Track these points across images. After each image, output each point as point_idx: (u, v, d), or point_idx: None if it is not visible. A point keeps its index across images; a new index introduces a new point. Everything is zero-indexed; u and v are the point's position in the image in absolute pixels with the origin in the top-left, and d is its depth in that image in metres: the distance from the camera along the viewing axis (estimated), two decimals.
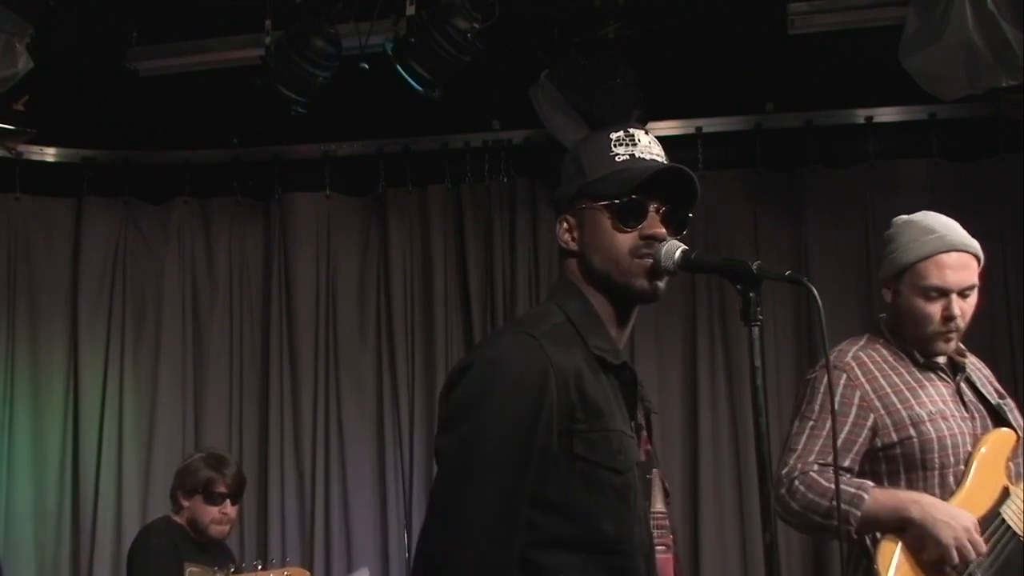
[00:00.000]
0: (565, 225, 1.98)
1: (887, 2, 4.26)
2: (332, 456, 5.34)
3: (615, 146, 1.95)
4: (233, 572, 3.18)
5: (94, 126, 5.35)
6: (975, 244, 2.81)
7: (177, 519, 3.92)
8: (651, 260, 1.88)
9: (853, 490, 2.67)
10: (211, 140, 5.51)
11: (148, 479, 5.26)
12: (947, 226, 2.81)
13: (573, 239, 1.96)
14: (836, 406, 2.76)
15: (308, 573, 3.20)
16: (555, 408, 1.79)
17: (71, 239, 5.49)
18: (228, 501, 3.93)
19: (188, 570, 3.58)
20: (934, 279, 2.76)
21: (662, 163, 1.93)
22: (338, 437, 5.37)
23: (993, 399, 2.86)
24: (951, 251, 2.77)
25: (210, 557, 3.85)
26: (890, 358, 2.84)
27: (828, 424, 2.74)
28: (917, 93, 4.25)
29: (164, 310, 5.48)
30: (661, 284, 1.92)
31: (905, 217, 2.90)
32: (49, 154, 5.47)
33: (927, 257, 2.77)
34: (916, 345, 2.83)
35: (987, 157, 5.04)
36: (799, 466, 2.73)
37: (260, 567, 3.13)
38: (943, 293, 2.76)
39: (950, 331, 2.78)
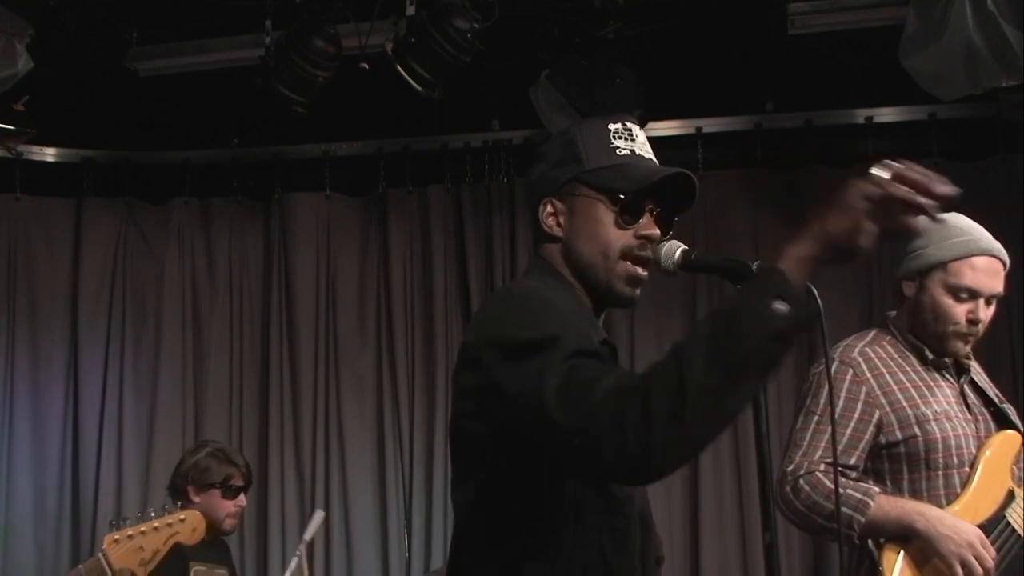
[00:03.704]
0: (550, 208, 1.93)
1: (887, 2, 4.25)
2: (332, 456, 5.34)
3: (614, 138, 1.92)
4: (129, 524, 3.08)
5: (94, 126, 5.35)
6: (1005, 253, 2.83)
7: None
8: (642, 266, 1.89)
9: (859, 496, 2.65)
10: (211, 140, 5.51)
11: (148, 479, 5.26)
12: (980, 230, 2.83)
13: (559, 224, 1.92)
14: (842, 401, 2.75)
15: (200, 515, 3.14)
16: None
17: (71, 239, 5.49)
18: (243, 494, 3.96)
19: (193, 569, 3.58)
20: (967, 280, 2.77)
21: (672, 168, 1.91)
22: (338, 437, 5.37)
23: (996, 401, 2.86)
24: (985, 255, 2.79)
25: (214, 555, 3.86)
26: (896, 355, 2.84)
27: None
28: (917, 93, 4.25)
29: (164, 310, 5.48)
30: (639, 292, 1.92)
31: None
32: (49, 154, 5.47)
33: (962, 257, 2.77)
34: (931, 342, 2.82)
35: (987, 157, 5.03)
36: (805, 464, 2.72)
37: (153, 514, 3.07)
38: (973, 296, 2.77)
39: (971, 334, 2.79)
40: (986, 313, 2.79)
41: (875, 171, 1.57)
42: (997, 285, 2.79)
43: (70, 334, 5.44)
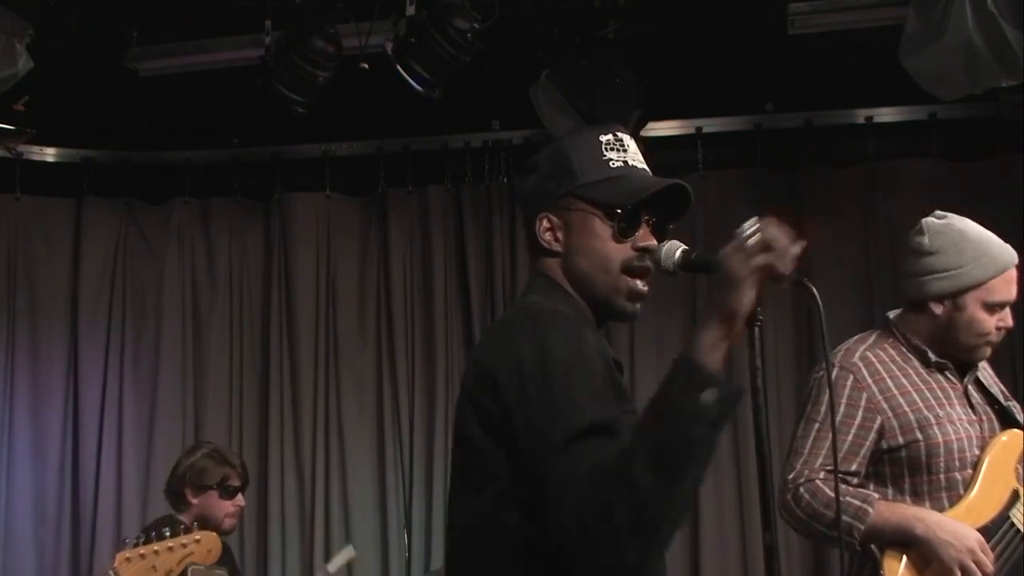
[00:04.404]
0: (546, 223, 1.92)
1: (887, 2, 4.25)
2: (332, 456, 5.34)
3: (607, 150, 1.92)
4: (143, 542, 3.04)
5: (94, 126, 5.35)
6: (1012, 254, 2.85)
7: (181, 517, 3.91)
8: (641, 281, 1.89)
9: (858, 503, 2.65)
10: (211, 140, 5.51)
11: (148, 479, 5.25)
12: (996, 238, 2.83)
13: (556, 239, 1.92)
14: (843, 408, 2.74)
15: (216, 536, 3.11)
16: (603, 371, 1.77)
17: (71, 239, 5.49)
18: (240, 494, 3.96)
19: (191, 569, 3.57)
20: (1002, 295, 2.78)
21: (666, 180, 1.91)
22: (338, 437, 5.37)
23: (1001, 400, 2.86)
24: (1012, 266, 2.81)
25: None
26: (898, 358, 2.82)
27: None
28: (917, 93, 4.24)
29: (164, 310, 5.48)
30: (639, 307, 1.92)
31: (942, 227, 2.83)
32: (49, 154, 5.47)
33: (999, 274, 2.78)
34: (957, 353, 2.82)
35: (987, 157, 5.03)
36: (805, 472, 2.71)
37: (168, 533, 3.03)
38: (1003, 306, 2.78)
39: (998, 340, 2.80)
40: (1008, 320, 2.82)
41: (747, 228, 1.66)
42: (1015, 290, 2.82)
43: (70, 334, 5.44)
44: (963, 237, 2.82)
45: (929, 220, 2.88)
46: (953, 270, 2.79)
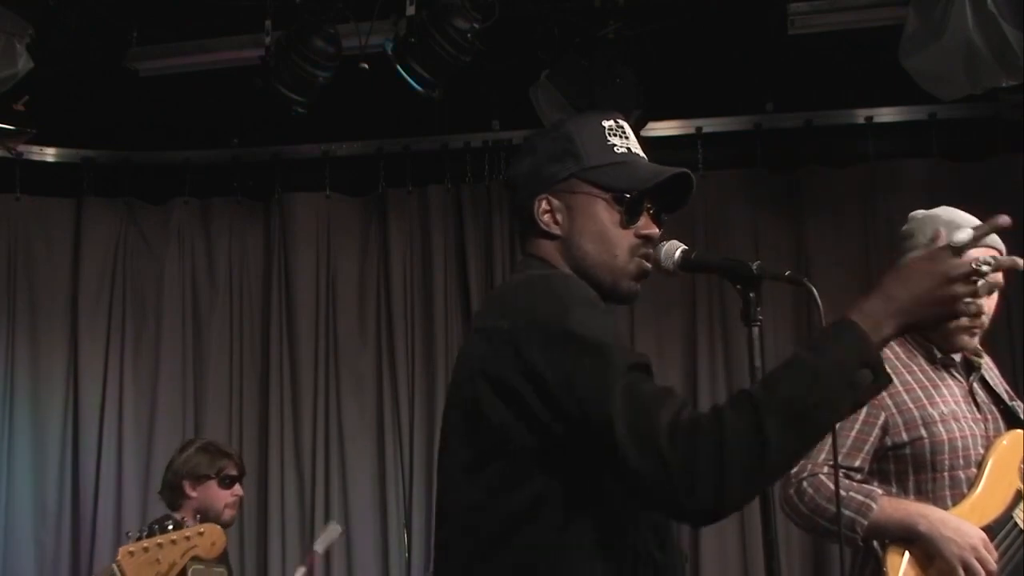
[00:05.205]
0: (546, 205, 1.89)
1: (887, 2, 4.25)
2: (332, 456, 5.35)
3: (610, 135, 1.91)
4: (146, 536, 3.02)
5: (94, 126, 5.35)
6: (1000, 242, 2.81)
7: (180, 514, 3.91)
8: (647, 261, 1.87)
9: (861, 498, 2.64)
10: (211, 140, 5.51)
11: (148, 479, 5.25)
12: (974, 221, 2.81)
13: (556, 222, 1.89)
14: None
15: (220, 529, 3.09)
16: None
17: (71, 239, 5.50)
18: (238, 484, 3.96)
19: (191, 569, 3.57)
20: None
21: (675, 168, 1.90)
22: (338, 437, 5.37)
23: (1006, 399, 2.85)
24: (984, 248, 2.77)
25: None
26: (903, 355, 2.82)
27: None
28: (917, 93, 4.24)
29: (164, 310, 5.49)
30: (640, 287, 1.91)
31: (924, 212, 2.87)
32: (49, 154, 5.48)
33: None
34: (938, 340, 2.81)
35: (987, 157, 5.03)
36: (808, 467, 2.70)
37: (171, 527, 3.01)
38: None
39: (976, 327, 2.77)
40: (989, 305, 2.78)
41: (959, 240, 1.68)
42: (997, 276, 2.78)
43: (70, 334, 5.44)
44: (932, 219, 2.82)
45: (915, 211, 2.90)
46: (918, 247, 2.78)
